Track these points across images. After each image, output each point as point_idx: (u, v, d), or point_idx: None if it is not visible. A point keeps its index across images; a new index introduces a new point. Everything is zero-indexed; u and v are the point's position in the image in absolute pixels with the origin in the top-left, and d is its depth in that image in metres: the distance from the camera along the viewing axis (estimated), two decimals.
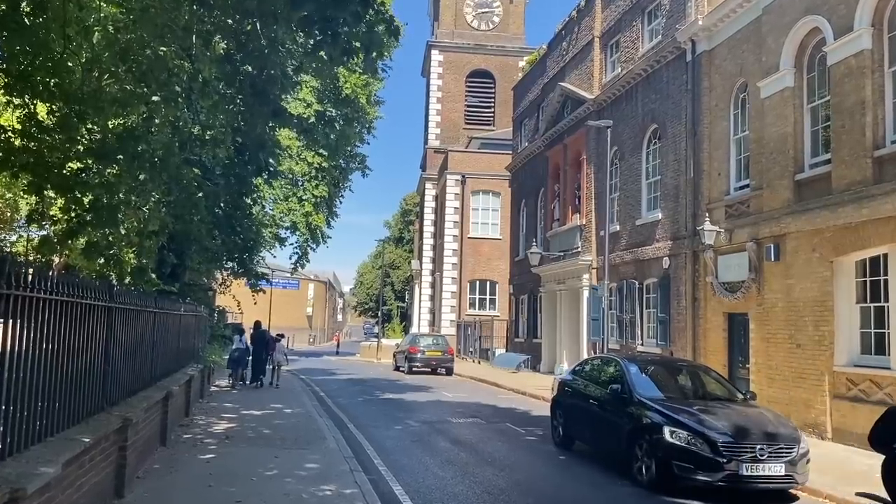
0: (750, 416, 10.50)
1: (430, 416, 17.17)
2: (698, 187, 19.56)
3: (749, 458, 9.49)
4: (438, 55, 55.11)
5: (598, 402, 11.91)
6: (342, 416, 16.91)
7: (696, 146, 19.72)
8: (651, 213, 22.34)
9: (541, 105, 33.21)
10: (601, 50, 26.61)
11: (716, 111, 19.16)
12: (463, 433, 14.71)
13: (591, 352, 25.70)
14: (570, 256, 27.49)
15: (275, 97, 12.40)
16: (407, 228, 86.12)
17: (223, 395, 19.90)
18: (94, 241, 14.13)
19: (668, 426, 9.95)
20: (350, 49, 10.94)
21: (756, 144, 17.22)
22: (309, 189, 37.00)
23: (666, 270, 20.96)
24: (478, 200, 47.81)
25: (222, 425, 14.06)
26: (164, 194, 15.65)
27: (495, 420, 16.77)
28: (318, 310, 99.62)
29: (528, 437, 14.48)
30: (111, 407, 8.84)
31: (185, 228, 16.36)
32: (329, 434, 13.47)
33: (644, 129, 22.92)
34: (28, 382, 5.82)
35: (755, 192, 17.17)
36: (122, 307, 9.15)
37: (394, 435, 14.22)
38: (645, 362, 12.62)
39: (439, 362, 31.44)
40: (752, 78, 17.51)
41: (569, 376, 13.70)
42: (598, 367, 12.85)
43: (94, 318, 7.84)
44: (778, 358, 15.83)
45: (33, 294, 5.81)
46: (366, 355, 48.19)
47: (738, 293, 17.40)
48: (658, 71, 22.07)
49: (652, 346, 21.63)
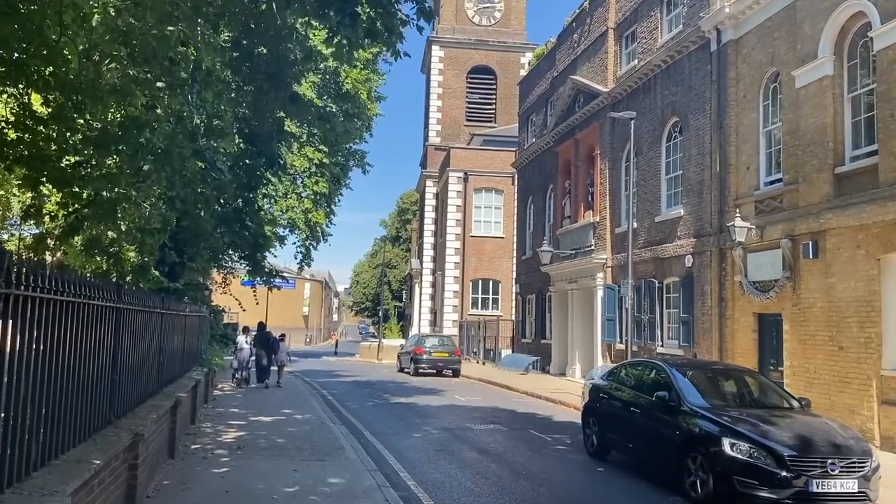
0: (814, 426, 9.67)
1: (448, 421, 16.30)
2: (725, 182, 18.74)
3: (819, 473, 8.66)
4: (439, 51, 54.23)
5: (640, 409, 11.06)
6: (355, 422, 16.02)
7: (722, 139, 18.90)
8: (672, 210, 21.51)
9: (549, 100, 32.36)
10: (616, 41, 25.77)
11: (743, 102, 18.34)
12: (486, 441, 13.84)
13: (605, 353, 24.89)
14: (583, 255, 26.64)
15: (291, 80, 11.51)
16: (404, 227, 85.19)
17: (227, 398, 19.00)
18: (94, 237, 13.24)
19: (727, 438, 9.10)
20: (373, 31, 10.11)
21: (790, 137, 16.41)
22: (309, 185, 36.12)
23: (689, 269, 20.13)
24: (480, 198, 46.94)
25: (231, 433, 13.17)
26: (167, 188, 14.75)
27: (517, 426, 15.91)
28: (315, 309, 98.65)
29: (557, 447, 13.61)
30: (119, 419, 7.96)
31: (193, 224, 15.43)
32: (346, 443, 12.59)
33: (664, 122, 22.10)
34: (31, 396, 4.96)
35: (789, 186, 16.35)
36: (130, 308, 8.27)
37: (415, 444, 13.34)
38: (689, 366, 11.74)
39: (446, 364, 30.55)
40: (784, 67, 16.69)
41: (603, 381, 12.84)
42: (639, 372, 11.98)
43: (102, 320, 6.96)
44: (817, 361, 15.02)
45: (36, 294, 4.93)
46: (366, 356, 47.29)
47: (771, 292, 16.58)
48: (679, 61, 21.24)
49: (673, 348, 20.81)
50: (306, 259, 35.74)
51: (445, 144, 51.81)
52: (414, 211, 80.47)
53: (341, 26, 9.94)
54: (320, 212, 36.59)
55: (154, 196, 15.24)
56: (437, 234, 52.65)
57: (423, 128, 58.40)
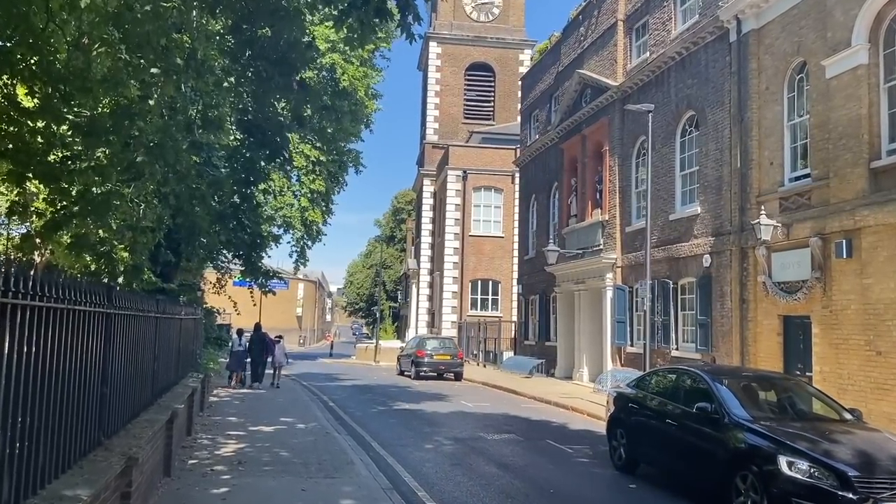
0: (875, 441, 8.82)
1: (460, 431, 15.41)
2: (746, 178, 17.90)
3: (888, 495, 7.80)
4: (437, 47, 53.36)
5: (677, 422, 10.19)
6: (362, 431, 15.10)
7: (743, 133, 18.06)
8: (687, 208, 20.67)
9: (553, 95, 31.50)
10: (626, 34, 24.92)
11: (766, 95, 17.51)
12: (504, 454, 12.95)
13: (615, 357, 24.05)
14: (591, 254, 25.78)
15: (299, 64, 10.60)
16: (398, 227, 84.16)
17: (224, 405, 18.06)
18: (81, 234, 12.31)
19: (784, 455, 8.23)
20: (383, 10, 9.29)
21: (819, 130, 15.58)
22: (306, 183, 35.23)
23: (706, 269, 19.30)
24: (479, 197, 46.07)
25: (231, 446, 12.24)
26: (161, 184, 13.82)
27: (533, 436, 15.02)
28: (308, 310, 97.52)
29: (580, 459, 12.74)
30: (110, 439, 7.06)
31: (188, 221, 14.51)
32: (355, 456, 11.69)
33: (678, 116, 21.25)
34: (8, 421, 4.06)
35: (819, 182, 15.52)
36: (122, 313, 7.36)
37: (428, 457, 12.44)
38: (727, 374, 10.86)
39: (448, 367, 29.61)
40: (812, 57, 15.86)
41: (630, 390, 11.96)
42: (672, 381, 11.09)
43: (90, 328, 6.07)
44: (851, 366, 14.19)
45: (8, 300, 4.04)
46: (362, 358, 46.32)
47: (798, 294, 15.75)
48: (695, 53, 20.41)
49: (690, 352, 19.98)
50: (302, 258, 34.79)
51: (443, 142, 50.96)
52: (409, 211, 79.48)
53: (352, 8, 9.16)
54: (317, 210, 35.71)
55: (147, 192, 14.35)
56: (435, 233, 51.75)
57: (420, 126, 57.53)
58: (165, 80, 11.18)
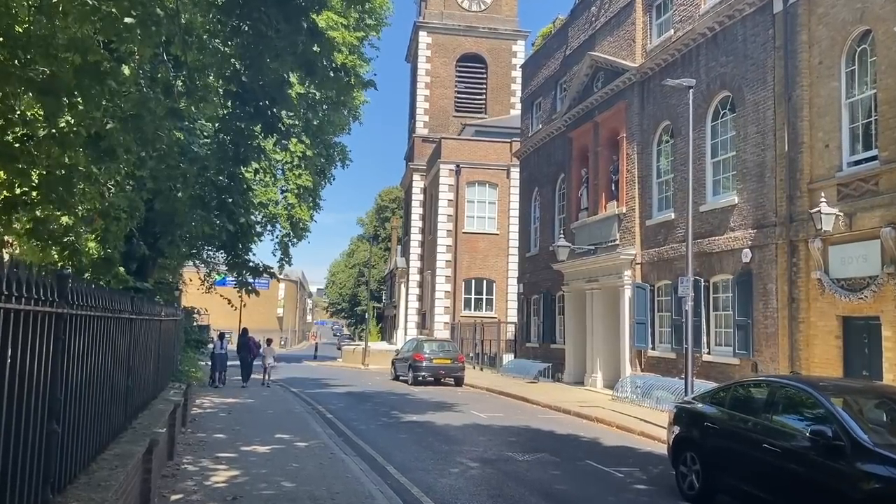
0: None
1: (483, 449, 13.38)
2: (795, 163, 16.06)
3: None
4: (427, 37, 51.34)
5: (778, 448, 8.24)
6: (371, 452, 13.03)
7: (790, 114, 16.23)
8: (721, 197, 18.82)
9: (559, 81, 29.58)
10: (644, 11, 23.05)
11: (819, 70, 15.68)
12: (545, 480, 10.96)
13: (634, 361, 22.15)
14: (606, 250, 23.88)
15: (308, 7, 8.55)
16: (383, 226, 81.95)
17: (209, 418, 15.93)
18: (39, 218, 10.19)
19: None
20: None
21: (888, 106, 13.77)
22: (292, 178, 33.03)
23: (746, 265, 17.44)
24: (473, 192, 44.09)
25: (222, 473, 10.17)
26: (136, 166, 11.69)
27: (568, 456, 13.02)
28: (289, 310, 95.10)
29: (636, 486, 10.78)
30: (63, 490, 5.01)
31: (167, 207, 12.36)
32: (373, 487, 9.66)
33: (709, 97, 19.40)
34: None
35: (888, 165, 13.70)
36: (83, 314, 5.30)
37: (459, 485, 10.42)
38: (841, 390, 8.90)
39: (448, 371, 27.57)
40: (880, 24, 14.05)
41: (706, 407, 10.00)
42: (765, 397, 9.10)
43: (29, 337, 4.01)
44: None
45: None
46: (349, 361, 44.08)
47: (865, 291, 13.92)
48: (730, 28, 18.56)
49: (726, 356, 18.12)
50: (286, 257, 32.54)
51: (433, 136, 48.98)
52: (394, 209, 77.34)
53: None
54: (304, 207, 33.57)
55: (119, 174, 12.24)
56: (426, 230, 49.71)
57: (409, 119, 55.46)
58: (143, 31, 9.04)
